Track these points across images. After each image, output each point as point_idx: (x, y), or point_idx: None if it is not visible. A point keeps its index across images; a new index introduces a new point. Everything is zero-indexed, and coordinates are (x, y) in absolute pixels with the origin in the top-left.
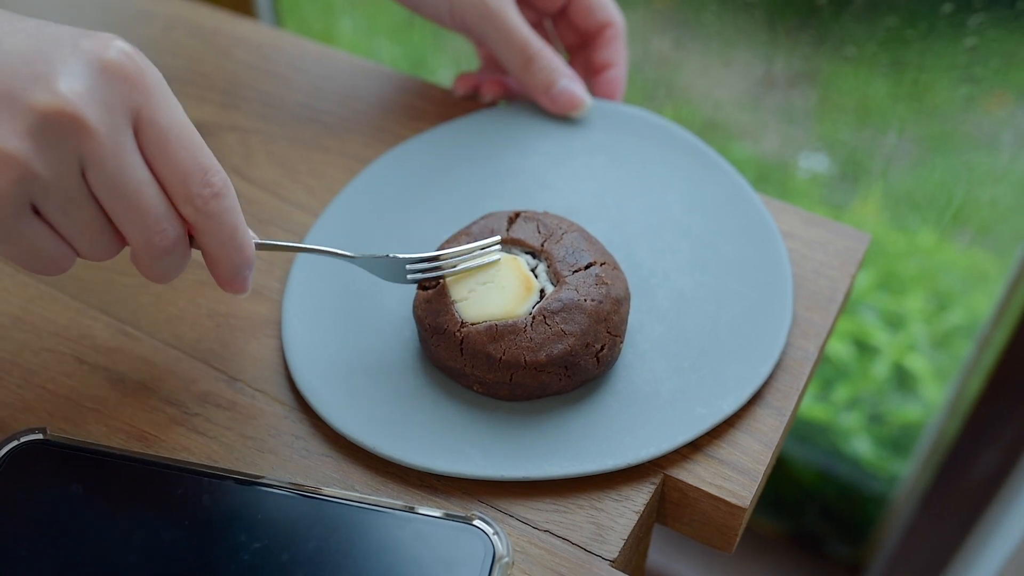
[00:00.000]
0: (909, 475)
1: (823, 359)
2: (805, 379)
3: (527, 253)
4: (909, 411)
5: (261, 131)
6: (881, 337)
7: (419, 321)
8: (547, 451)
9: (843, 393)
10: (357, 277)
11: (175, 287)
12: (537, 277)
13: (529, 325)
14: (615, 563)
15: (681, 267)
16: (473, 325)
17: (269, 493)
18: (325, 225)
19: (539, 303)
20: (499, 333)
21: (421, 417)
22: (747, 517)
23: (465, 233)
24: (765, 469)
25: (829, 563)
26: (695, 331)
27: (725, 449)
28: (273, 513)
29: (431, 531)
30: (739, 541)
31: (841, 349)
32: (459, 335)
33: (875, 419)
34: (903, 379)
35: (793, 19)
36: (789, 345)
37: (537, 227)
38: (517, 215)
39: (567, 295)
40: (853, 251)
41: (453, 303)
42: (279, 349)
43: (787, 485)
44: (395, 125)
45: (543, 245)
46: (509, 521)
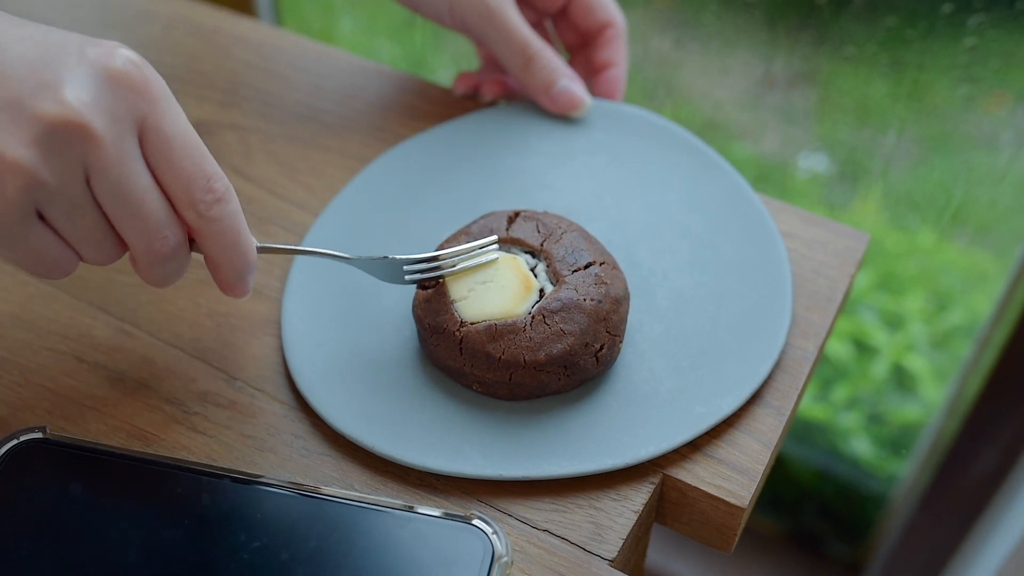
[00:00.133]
0: (908, 475)
1: (822, 359)
2: (804, 379)
3: (526, 252)
4: (908, 411)
5: (261, 130)
6: (880, 337)
7: (418, 320)
8: (546, 451)
9: (842, 393)
10: (357, 277)
11: (175, 286)
12: (536, 276)
13: (528, 325)
14: (614, 563)
15: (680, 267)
16: (472, 324)
17: (268, 492)
18: (324, 224)
19: (538, 303)
20: (498, 332)
21: (420, 416)
22: (746, 517)
23: (464, 232)
24: (764, 469)
25: (828, 563)
26: (694, 331)
27: (724, 449)
28: (272, 512)
29: (430, 530)
30: (738, 541)
31: (840, 349)
32: (458, 334)
33: (874, 419)
34: (902, 379)
35: (793, 19)
36: (788, 345)
37: (536, 226)
38: (517, 214)
39: (566, 295)
40: (852, 251)
41: (452, 302)
42: (279, 348)
43: (786, 485)
44: (395, 124)
45: (542, 244)
46: (508, 520)
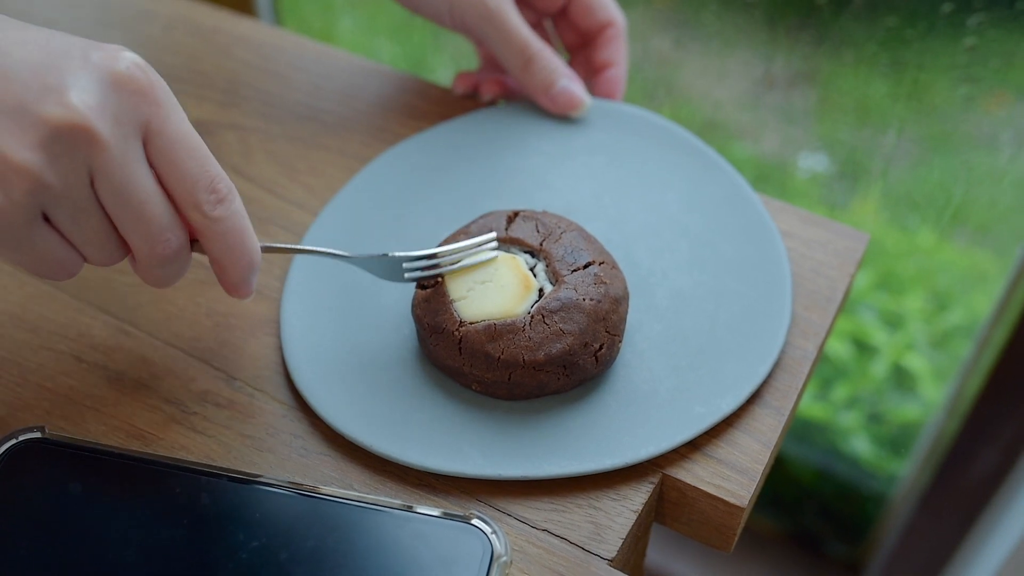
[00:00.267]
0: (908, 474)
1: (822, 358)
2: (804, 378)
3: (526, 252)
4: (908, 410)
5: (260, 130)
6: (880, 336)
7: (418, 320)
8: (545, 450)
9: (842, 392)
10: (356, 276)
11: (174, 286)
12: (536, 276)
13: (528, 324)
14: (613, 562)
15: (680, 266)
16: (472, 324)
17: (267, 492)
18: (324, 224)
19: (538, 302)
20: (498, 332)
21: (419, 416)
22: (746, 516)
23: (464, 232)
24: (764, 468)
25: (828, 562)
26: (694, 330)
27: (724, 448)
28: (271, 512)
29: (429, 530)
30: (738, 540)
31: (840, 348)
32: (458, 334)
33: (874, 418)
34: (902, 378)
35: (793, 19)
36: (788, 344)
37: (536, 226)
38: (516, 214)
39: (566, 294)
40: (852, 250)
41: (452, 302)
42: (278, 348)
43: (786, 484)
44: (394, 124)
45: (542, 244)
46: (507, 520)
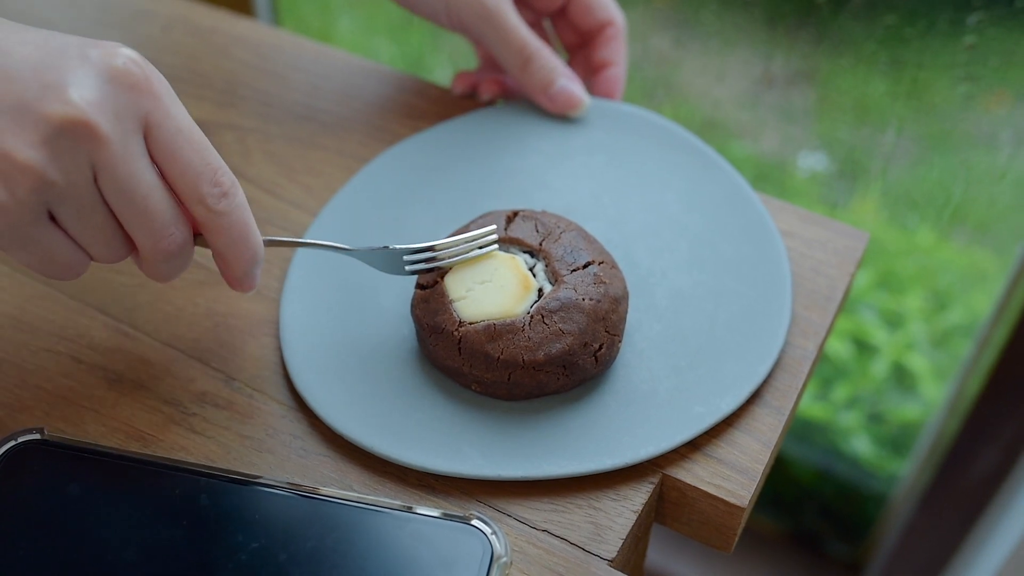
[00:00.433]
0: (908, 474)
1: (822, 358)
2: (804, 378)
3: (525, 252)
4: (908, 410)
5: (259, 130)
6: (880, 336)
7: (417, 320)
8: (545, 450)
9: (842, 392)
10: (355, 276)
11: (173, 286)
12: (535, 276)
13: (527, 324)
14: (613, 563)
15: (679, 266)
16: (471, 324)
17: (267, 493)
18: (323, 224)
19: (537, 302)
20: (497, 332)
21: (419, 416)
22: (746, 516)
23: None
24: (764, 468)
25: (828, 562)
26: (693, 330)
27: (724, 448)
28: (271, 513)
29: (429, 531)
30: (738, 540)
31: (840, 348)
32: (457, 334)
33: (874, 418)
34: (902, 378)
35: (792, 18)
36: (788, 344)
37: (535, 226)
38: (515, 214)
39: (565, 294)
40: (852, 250)
41: (451, 302)
42: (277, 348)
43: (786, 484)
44: (393, 124)
45: (541, 244)
46: (507, 521)
